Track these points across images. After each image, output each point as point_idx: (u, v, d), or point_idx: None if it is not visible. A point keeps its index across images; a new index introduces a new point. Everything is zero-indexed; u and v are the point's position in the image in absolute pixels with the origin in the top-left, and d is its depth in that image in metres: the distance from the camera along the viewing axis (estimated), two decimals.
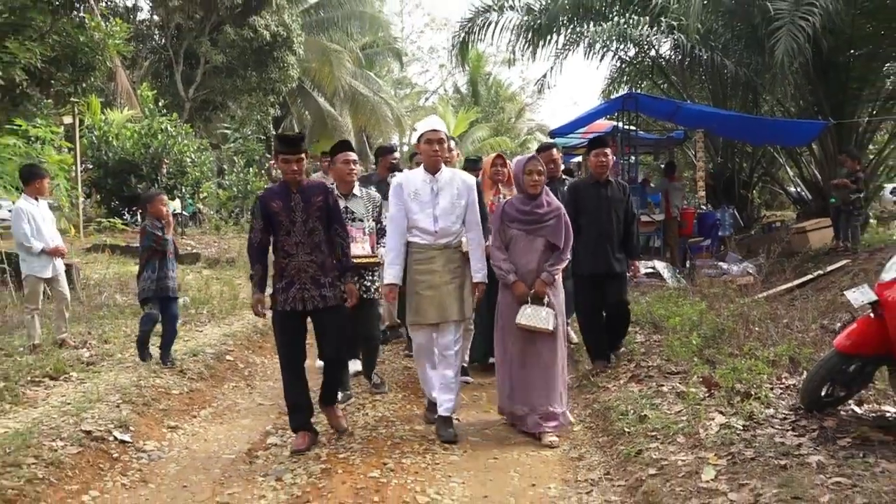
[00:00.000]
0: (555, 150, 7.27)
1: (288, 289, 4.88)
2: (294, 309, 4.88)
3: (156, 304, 6.62)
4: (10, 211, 11.19)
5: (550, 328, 5.03)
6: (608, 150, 6.41)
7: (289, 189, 4.90)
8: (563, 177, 7.36)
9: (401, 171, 7.15)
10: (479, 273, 5.23)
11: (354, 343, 6.25)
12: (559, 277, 5.28)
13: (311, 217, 4.89)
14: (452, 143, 6.62)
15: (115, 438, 5.01)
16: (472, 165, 7.32)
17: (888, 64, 14.63)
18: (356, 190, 6.16)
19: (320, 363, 5.31)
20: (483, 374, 6.79)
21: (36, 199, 7.36)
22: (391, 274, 5.21)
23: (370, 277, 6.13)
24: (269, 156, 23.96)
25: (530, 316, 5.02)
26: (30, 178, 7.36)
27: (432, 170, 5.23)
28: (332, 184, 6.11)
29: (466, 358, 6.54)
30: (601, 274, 6.34)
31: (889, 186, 20.12)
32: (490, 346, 6.16)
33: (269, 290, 5.04)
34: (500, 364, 5.39)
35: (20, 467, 4.22)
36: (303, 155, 4.90)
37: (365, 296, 5.97)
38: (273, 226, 4.90)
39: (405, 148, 32.11)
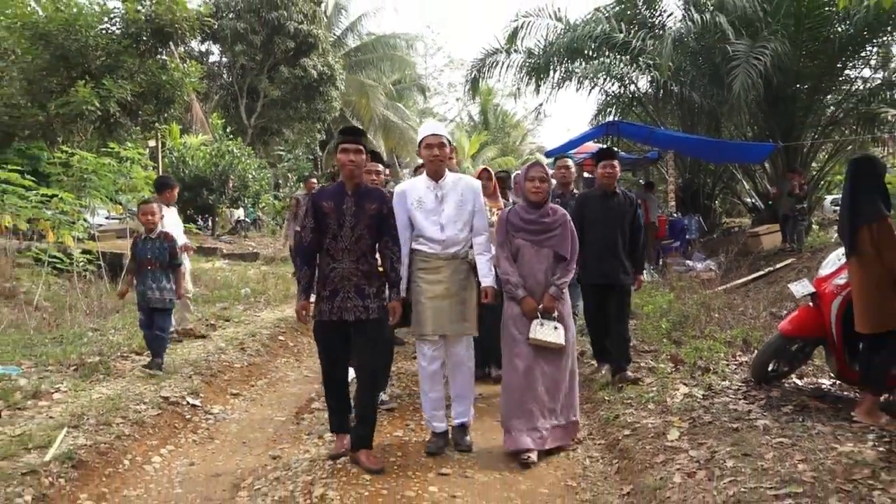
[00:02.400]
0: (569, 160, 6.49)
1: (333, 298, 3.91)
2: (340, 318, 3.91)
3: (145, 313, 5.71)
4: (107, 218, 11.20)
5: (562, 343, 4.15)
6: (615, 162, 5.43)
7: (343, 191, 3.95)
8: (574, 191, 6.41)
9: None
10: (487, 277, 4.28)
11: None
12: (566, 289, 4.36)
13: (361, 223, 3.91)
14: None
15: (188, 403, 5.07)
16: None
17: (828, 96, 14.53)
18: None
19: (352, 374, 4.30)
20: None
21: (167, 205, 6.86)
22: (400, 287, 4.12)
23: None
24: (317, 173, 24.01)
25: (542, 332, 4.12)
26: (162, 188, 7.07)
27: (435, 175, 4.27)
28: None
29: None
30: (606, 284, 5.29)
31: (829, 197, 19.91)
32: (487, 355, 5.64)
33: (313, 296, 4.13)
34: (507, 380, 4.29)
35: (111, 426, 4.28)
36: (362, 148, 3.96)
37: None
38: (321, 227, 3.94)
39: None
